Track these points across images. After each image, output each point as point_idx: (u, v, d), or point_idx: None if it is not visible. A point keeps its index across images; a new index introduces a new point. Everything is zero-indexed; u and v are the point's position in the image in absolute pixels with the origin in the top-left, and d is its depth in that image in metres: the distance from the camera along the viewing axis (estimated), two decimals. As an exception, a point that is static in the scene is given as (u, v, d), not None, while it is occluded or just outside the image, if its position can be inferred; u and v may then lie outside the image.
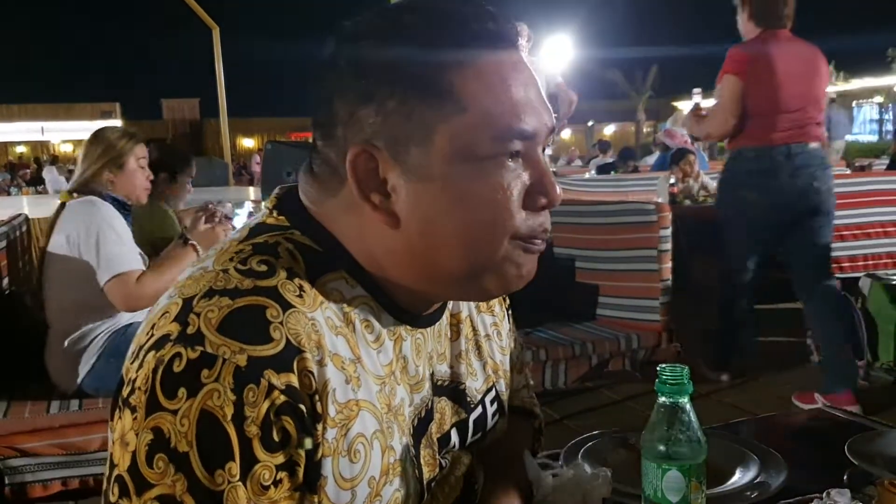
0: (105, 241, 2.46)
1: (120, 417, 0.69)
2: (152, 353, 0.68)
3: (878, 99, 38.12)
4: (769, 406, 3.44)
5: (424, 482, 0.84)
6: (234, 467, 0.66)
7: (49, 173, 15.99)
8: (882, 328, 3.81)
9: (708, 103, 3.72)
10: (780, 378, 3.95)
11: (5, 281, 2.96)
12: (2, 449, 2.26)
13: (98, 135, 2.74)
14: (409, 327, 0.84)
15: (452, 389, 0.92)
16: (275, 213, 0.82)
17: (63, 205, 2.63)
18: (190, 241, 2.58)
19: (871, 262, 4.85)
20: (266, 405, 0.67)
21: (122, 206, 2.64)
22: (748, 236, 3.48)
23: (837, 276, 4.58)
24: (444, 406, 0.90)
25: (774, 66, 3.19)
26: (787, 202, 3.27)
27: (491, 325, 1.02)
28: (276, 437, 0.68)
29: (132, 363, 0.70)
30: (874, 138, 35.16)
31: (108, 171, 2.66)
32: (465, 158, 0.75)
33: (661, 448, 0.81)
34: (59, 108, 44.13)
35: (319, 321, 0.73)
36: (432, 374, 0.88)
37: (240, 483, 0.66)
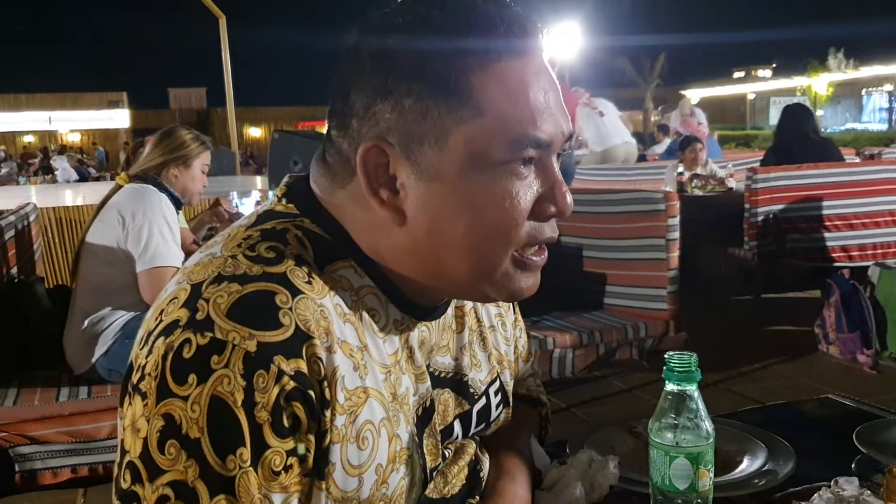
0: (155, 231, 2.53)
1: (130, 404, 0.69)
2: (162, 338, 0.68)
3: (888, 87, 37.88)
4: (777, 394, 3.44)
5: (428, 470, 0.85)
6: (246, 453, 0.66)
7: (60, 162, 16.05)
8: (891, 317, 3.80)
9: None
10: (788, 367, 3.95)
11: (14, 269, 2.97)
12: (12, 436, 2.28)
13: (172, 131, 2.87)
14: (414, 320, 0.84)
15: (456, 381, 0.92)
16: (283, 201, 0.82)
17: (118, 186, 2.72)
18: None
19: (880, 251, 4.84)
20: (276, 391, 0.67)
21: (176, 202, 2.73)
22: None
23: (846, 264, 4.58)
24: (447, 398, 0.90)
25: None
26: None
27: (496, 315, 1.02)
28: (286, 423, 0.68)
29: (141, 349, 0.70)
30: (884, 127, 35.00)
31: (174, 167, 2.76)
32: (478, 163, 0.74)
33: (669, 435, 0.81)
34: (66, 97, 44.24)
35: (328, 308, 0.73)
36: (429, 366, 0.88)
37: (251, 468, 0.66)
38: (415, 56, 0.74)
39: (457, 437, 0.92)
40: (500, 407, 0.99)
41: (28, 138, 40.19)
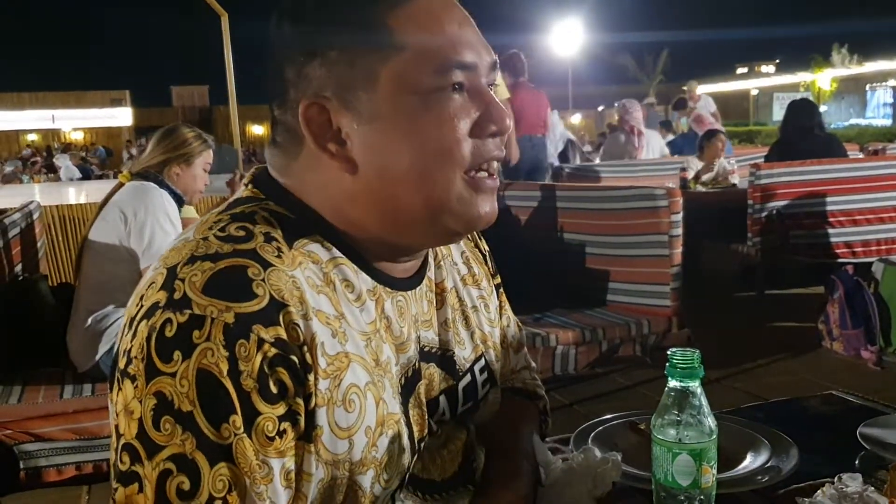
0: (157, 227, 2.55)
1: (120, 389, 0.70)
2: (144, 321, 0.70)
3: (893, 82, 37.78)
4: (780, 391, 3.43)
5: (415, 440, 0.86)
6: (238, 420, 0.68)
7: (63, 160, 16.08)
8: (895, 313, 3.79)
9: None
10: (792, 363, 3.95)
11: (18, 267, 2.98)
12: (16, 434, 2.28)
13: (174, 129, 2.87)
14: (388, 289, 0.86)
15: (441, 356, 0.93)
16: (250, 187, 0.86)
17: (120, 184, 2.74)
18: None
19: (884, 247, 4.83)
20: (259, 358, 0.69)
21: (177, 198, 2.74)
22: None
23: (850, 260, 4.57)
24: (432, 372, 0.91)
25: (521, 97, 6.01)
26: (527, 164, 6.04)
27: (477, 297, 1.03)
28: (273, 389, 0.70)
29: (126, 335, 0.72)
30: (888, 122, 34.90)
31: (176, 165, 2.77)
32: (410, 95, 0.78)
33: (672, 432, 0.81)
34: (69, 95, 44.30)
35: (300, 279, 0.75)
36: (418, 339, 0.89)
37: (245, 435, 0.68)
38: (330, 11, 0.80)
39: (443, 413, 0.92)
40: (487, 386, 1.00)
41: (31, 137, 40.21)
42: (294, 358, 0.71)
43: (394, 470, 0.82)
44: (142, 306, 0.72)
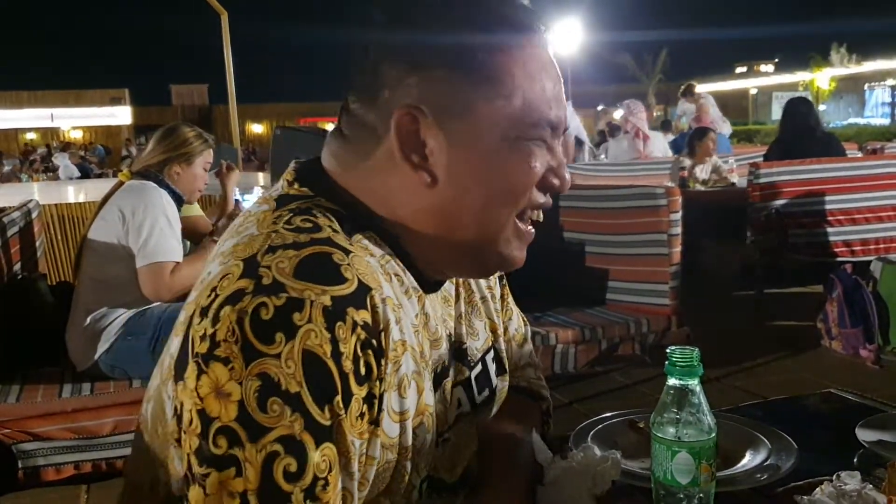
0: (155, 226, 2.54)
1: (203, 373, 0.68)
2: (228, 307, 0.69)
3: (891, 82, 37.80)
4: (779, 389, 3.44)
5: (438, 433, 0.88)
6: (340, 401, 0.70)
7: (62, 159, 16.09)
8: (893, 312, 3.80)
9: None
10: (790, 362, 3.95)
11: (17, 266, 2.98)
12: (15, 433, 2.28)
13: (175, 129, 2.87)
14: (424, 291, 0.88)
15: (455, 350, 0.95)
16: (296, 185, 0.86)
17: (120, 182, 2.75)
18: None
19: (882, 246, 4.82)
20: (353, 340, 0.71)
21: (177, 198, 2.74)
22: None
23: (849, 259, 4.57)
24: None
25: None
26: None
27: (486, 287, 1.06)
28: (363, 371, 0.72)
29: (200, 323, 0.70)
30: (886, 121, 34.92)
31: (176, 164, 2.77)
32: (504, 138, 0.82)
33: (671, 430, 0.81)
34: (68, 94, 44.27)
35: (373, 264, 0.78)
36: (449, 336, 0.92)
37: (345, 416, 0.70)
38: (448, 30, 0.82)
39: (459, 404, 0.94)
40: (498, 374, 1.03)
41: (30, 135, 40.16)
42: (375, 342, 0.73)
43: (425, 459, 0.84)
44: (217, 296, 0.71)
